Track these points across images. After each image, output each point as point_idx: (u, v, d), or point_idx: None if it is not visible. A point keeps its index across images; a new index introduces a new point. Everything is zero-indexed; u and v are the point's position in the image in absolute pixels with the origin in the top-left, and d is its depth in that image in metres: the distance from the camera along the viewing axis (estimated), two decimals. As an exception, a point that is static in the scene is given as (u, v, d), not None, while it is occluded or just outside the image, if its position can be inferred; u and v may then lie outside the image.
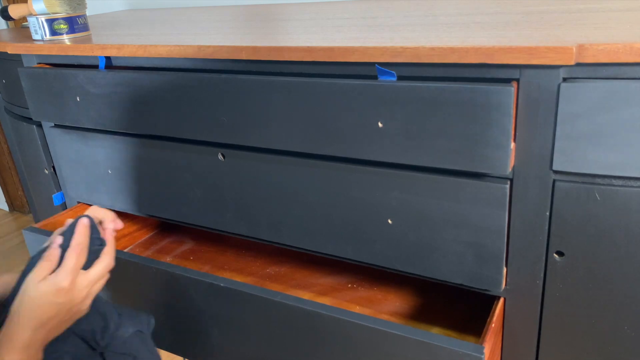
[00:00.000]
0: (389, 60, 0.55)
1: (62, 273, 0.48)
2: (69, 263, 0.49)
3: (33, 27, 0.86)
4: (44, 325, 0.47)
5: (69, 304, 0.48)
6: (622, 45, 0.46)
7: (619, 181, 0.51)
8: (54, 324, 0.47)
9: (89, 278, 0.50)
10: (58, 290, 0.47)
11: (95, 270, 0.50)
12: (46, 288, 0.47)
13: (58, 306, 0.47)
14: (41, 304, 0.47)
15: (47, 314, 0.47)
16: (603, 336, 0.57)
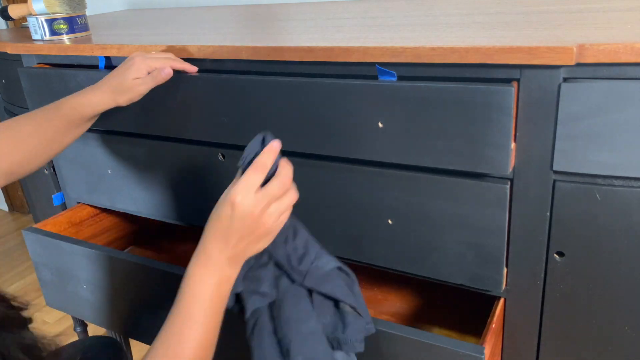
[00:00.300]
0: (389, 60, 0.55)
1: (234, 188, 0.47)
2: (244, 179, 0.47)
3: (33, 27, 0.86)
4: (223, 237, 0.47)
5: (242, 220, 0.46)
6: (623, 46, 0.46)
7: (620, 181, 0.51)
8: (234, 238, 0.47)
9: (266, 193, 0.47)
10: (231, 205, 0.46)
11: (271, 186, 0.47)
12: (222, 200, 0.47)
13: (232, 220, 0.46)
14: (217, 215, 0.47)
15: (222, 226, 0.47)
16: (604, 337, 0.57)
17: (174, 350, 0.45)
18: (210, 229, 0.48)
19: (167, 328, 0.47)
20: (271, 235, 0.49)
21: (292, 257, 0.51)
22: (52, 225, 0.87)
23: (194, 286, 0.47)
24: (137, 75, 0.61)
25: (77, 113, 0.63)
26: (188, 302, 0.47)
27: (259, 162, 0.48)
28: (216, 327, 0.48)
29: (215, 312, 0.48)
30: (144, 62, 0.62)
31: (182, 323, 0.46)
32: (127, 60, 0.63)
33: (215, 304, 0.47)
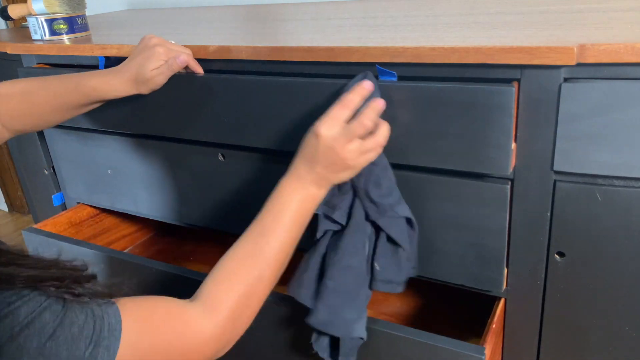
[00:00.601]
0: (390, 60, 0.55)
1: (320, 120, 0.50)
2: (330, 112, 0.51)
3: (32, 27, 0.86)
4: (309, 162, 0.51)
5: (324, 149, 0.50)
6: (624, 46, 0.46)
7: (620, 182, 0.51)
8: (318, 165, 0.51)
9: (347, 130, 0.50)
10: (315, 135, 0.50)
11: (352, 124, 0.50)
12: (310, 129, 0.51)
13: (316, 149, 0.50)
14: (305, 142, 0.52)
15: (308, 152, 0.51)
16: (604, 337, 0.57)
17: (260, 244, 0.50)
18: (300, 152, 0.53)
19: (255, 227, 0.52)
20: (352, 170, 0.52)
21: (373, 192, 0.55)
22: (52, 226, 0.87)
23: (282, 197, 0.52)
24: (156, 66, 0.61)
25: (97, 95, 0.63)
26: (276, 209, 0.52)
27: (346, 98, 0.51)
28: (296, 237, 0.52)
29: (298, 223, 0.52)
30: (164, 52, 0.62)
31: (270, 225, 0.51)
32: (147, 48, 0.62)
33: (299, 215, 0.52)
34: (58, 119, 0.66)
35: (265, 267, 0.50)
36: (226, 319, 0.47)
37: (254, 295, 0.49)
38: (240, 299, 0.48)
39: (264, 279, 0.50)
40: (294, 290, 0.58)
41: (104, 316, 0.38)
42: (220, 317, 0.46)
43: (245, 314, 0.49)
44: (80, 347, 0.35)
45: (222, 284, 0.48)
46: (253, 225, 0.52)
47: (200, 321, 0.45)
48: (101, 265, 0.76)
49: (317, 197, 0.53)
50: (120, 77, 0.62)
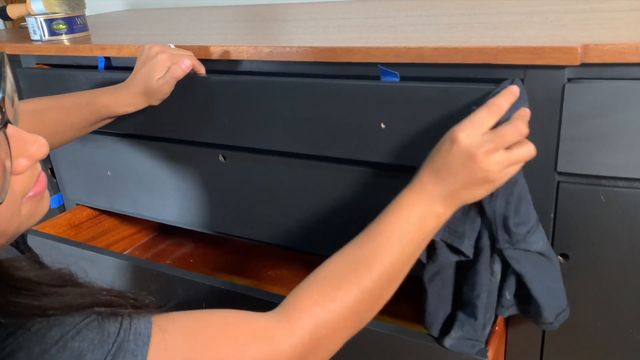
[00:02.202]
0: (392, 60, 0.55)
1: (460, 124, 0.44)
2: (473, 117, 0.44)
3: (31, 27, 0.85)
4: (438, 171, 0.44)
5: (461, 158, 0.43)
6: (628, 46, 0.46)
7: (625, 183, 0.51)
8: (450, 176, 0.44)
9: (496, 136, 0.43)
10: (452, 140, 0.44)
11: (504, 129, 0.43)
12: (445, 136, 0.45)
13: (449, 156, 0.44)
14: (436, 149, 0.45)
15: (439, 161, 0.45)
16: (608, 339, 0.56)
17: (369, 259, 0.43)
18: (429, 161, 0.46)
19: (365, 238, 0.45)
20: (491, 185, 0.45)
21: (510, 219, 0.48)
22: (51, 227, 0.87)
23: (401, 208, 0.45)
24: (161, 74, 0.61)
25: (108, 112, 0.63)
26: (392, 221, 0.45)
27: (493, 102, 0.45)
28: (411, 258, 0.45)
29: (414, 241, 0.45)
30: (167, 59, 0.61)
31: (383, 238, 0.44)
32: (149, 58, 0.61)
33: (417, 233, 0.45)
34: (69, 137, 0.65)
35: (371, 286, 0.42)
36: (311, 339, 0.39)
37: (351, 315, 0.42)
38: (332, 319, 0.40)
39: (366, 299, 0.42)
40: (431, 327, 0.54)
41: (132, 323, 0.34)
42: (303, 335, 0.39)
43: (335, 336, 0.41)
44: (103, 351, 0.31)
45: (315, 297, 0.41)
46: (363, 236, 0.45)
47: (273, 332, 0.38)
48: (101, 267, 0.76)
49: (441, 217, 0.45)
50: (130, 91, 0.62)
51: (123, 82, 0.64)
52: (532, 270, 0.51)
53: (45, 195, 0.35)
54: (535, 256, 0.50)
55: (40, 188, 0.34)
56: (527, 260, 0.50)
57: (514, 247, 0.49)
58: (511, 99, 0.46)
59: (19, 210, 0.33)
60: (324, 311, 0.40)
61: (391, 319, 0.73)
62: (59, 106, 0.63)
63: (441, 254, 0.51)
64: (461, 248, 0.50)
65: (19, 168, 0.31)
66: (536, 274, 0.51)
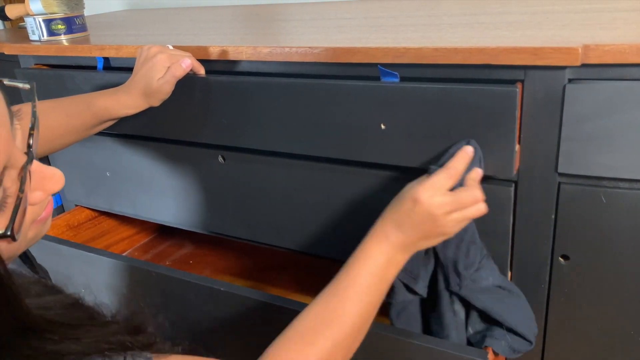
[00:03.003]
0: (392, 61, 0.54)
1: (422, 185, 0.48)
2: (433, 179, 0.48)
3: (30, 28, 0.85)
4: (400, 225, 0.48)
5: (423, 217, 0.47)
6: (629, 46, 0.46)
7: (626, 184, 0.51)
8: (410, 230, 0.48)
9: (452, 199, 0.47)
10: (414, 200, 0.47)
11: (464, 194, 0.48)
12: (406, 193, 0.49)
13: (411, 214, 0.47)
14: (398, 205, 0.49)
15: (401, 216, 0.48)
16: (609, 341, 0.56)
17: (334, 307, 0.46)
18: (389, 214, 0.49)
19: (331, 288, 0.47)
20: (445, 237, 0.50)
21: (459, 263, 0.52)
22: (50, 229, 0.87)
23: (365, 259, 0.48)
24: (161, 74, 0.60)
25: (109, 114, 0.63)
26: (357, 273, 0.47)
27: (452, 166, 0.49)
28: (376, 304, 0.48)
29: (379, 290, 0.48)
30: (166, 59, 0.61)
31: (348, 290, 0.47)
32: (148, 59, 0.61)
33: (380, 282, 0.48)
34: (70, 140, 0.65)
35: (342, 338, 0.45)
36: None
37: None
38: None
39: (339, 350, 0.45)
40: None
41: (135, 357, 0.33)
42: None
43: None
44: None
45: (291, 353, 0.43)
46: (330, 289, 0.48)
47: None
48: (100, 268, 0.76)
49: (400, 263, 0.50)
50: (129, 93, 0.62)
51: (123, 84, 0.64)
52: (494, 304, 0.54)
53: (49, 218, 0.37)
54: (492, 290, 0.54)
55: (47, 214, 0.35)
56: (484, 295, 0.54)
57: (463, 287, 0.53)
58: (467, 160, 0.50)
59: (26, 235, 0.34)
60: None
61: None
62: (58, 110, 0.63)
63: (399, 292, 0.55)
64: (415, 289, 0.54)
65: (34, 200, 0.33)
66: (501, 306, 0.54)
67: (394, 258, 0.48)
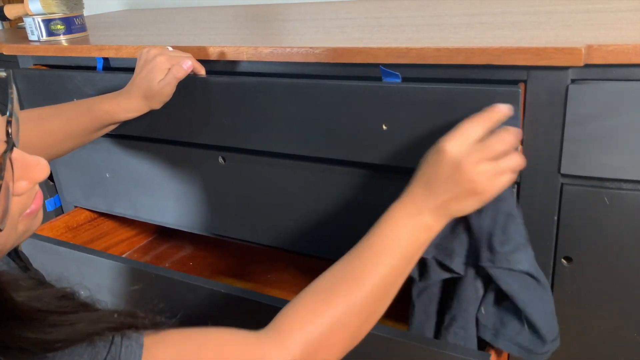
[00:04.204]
0: (394, 61, 0.54)
1: (448, 135, 0.44)
2: (460, 127, 0.44)
3: (29, 28, 0.85)
4: (428, 184, 0.44)
5: (449, 169, 0.43)
6: (632, 46, 0.46)
7: (629, 185, 0.50)
8: (439, 187, 0.44)
9: (482, 145, 0.43)
10: (438, 151, 0.44)
11: (490, 140, 0.43)
12: (432, 148, 0.45)
13: (437, 167, 0.44)
14: (425, 161, 0.45)
15: (428, 172, 0.45)
16: (612, 343, 0.56)
17: (358, 275, 0.43)
18: (417, 173, 0.46)
19: (355, 254, 0.45)
20: (479, 197, 0.45)
21: (495, 237, 0.48)
22: (49, 230, 0.86)
23: (391, 222, 0.45)
24: (161, 76, 0.60)
25: (110, 118, 0.62)
26: (382, 235, 0.45)
27: (480, 115, 0.45)
28: (403, 269, 0.45)
29: (405, 255, 0.44)
30: (166, 60, 0.60)
31: (374, 254, 0.44)
32: (148, 61, 0.61)
33: (407, 246, 0.44)
34: (72, 146, 0.64)
35: (361, 300, 0.42)
36: (302, 356, 0.39)
37: (341, 329, 0.41)
38: (322, 334, 0.40)
39: (356, 312, 0.41)
40: None
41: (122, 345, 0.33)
42: (295, 352, 0.39)
43: (327, 352, 0.41)
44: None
45: (304, 313, 0.41)
46: (353, 251, 0.45)
47: (264, 351, 0.38)
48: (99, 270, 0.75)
49: (432, 229, 0.45)
50: (130, 96, 0.61)
51: (123, 87, 0.63)
52: (521, 291, 0.50)
53: (40, 211, 0.36)
54: (523, 276, 0.50)
55: (37, 206, 0.35)
56: (514, 280, 0.50)
57: (495, 265, 0.49)
58: (500, 113, 0.46)
59: (15, 228, 0.33)
60: (314, 326, 0.40)
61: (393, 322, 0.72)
62: (59, 116, 0.62)
63: (432, 271, 0.52)
64: (452, 266, 0.50)
65: (20, 190, 0.32)
66: (527, 295, 0.50)
67: (422, 221, 0.45)
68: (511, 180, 0.46)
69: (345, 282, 0.42)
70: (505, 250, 0.48)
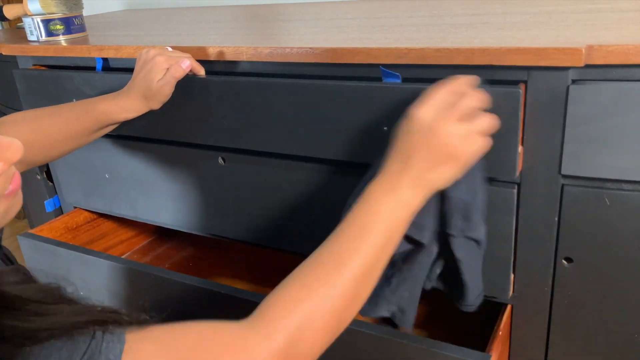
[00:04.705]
0: (394, 61, 0.54)
1: (419, 102, 0.43)
2: (428, 94, 0.43)
3: (28, 28, 0.85)
4: (402, 155, 0.43)
5: (421, 135, 0.42)
6: (633, 47, 0.46)
7: (629, 186, 0.50)
8: (414, 157, 0.43)
9: (451, 107, 0.42)
10: (409, 118, 0.42)
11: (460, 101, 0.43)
12: (405, 117, 0.44)
13: (410, 136, 0.42)
14: (396, 132, 0.44)
15: (401, 143, 0.43)
16: (613, 344, 0.56)
17: (334, 253, 0.42)
18: (392, 147, 0.45)
19: (335, 239, 0.44)
20: (456, 163, 0.43)
21: (472, 207, 0.47)
22: (48, 231, 0.86)
23: (369, 204, 0.44)
24: (160, 76, 0.60)
25: (109, 118, 0.62)
26: (359, 217, 0.43)
27: (448, 82, 0.44)
28: (383, 249, 0.43)
29: (384, 234, 0.43)
30: (165, 60, 0.60)
31: (350, 235, 0.43)
32: (147, 61, 0.61)
33: (386, 225, 0.43)
34: (70, 147, 0.64)
35: (343, 283, 0.41)
36: (286, 343, 0.38)
37: (325, 314, 0.40)
38: (305, 320, 0.39)
39: (339, 296, 0.41)
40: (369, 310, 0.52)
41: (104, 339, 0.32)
42: (278, 340, 0.38)
43: (312, 338, 0.40)
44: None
45: (286, 300, 0.40)
46: (333, 235, 0.44)
47: (247, 340, 0.38)
48: (98, 271, 0.75)
49: (411, 205, 0.44)
50: (129, 96, 0.61)
51: (122, 88, 0.63)
52: (467, 256, 0.50)
53: (19, 192, 0.36)
54: (472, 243, 0.50)
55: (16, 186, 0.35)
56: (466, 247, 0.50)
57: (464, 234, 0.48)
58: (467, 82, 0.45)
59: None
60: (296, 313, 0.39)
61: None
62: (57, 116, 0.62)
63: (401, 245, 0.50)
64: (422, 240, 0.49)
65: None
66: (470, 260, 0.51)
67: (399, 198, 0.43)
68: (485, 145, 0.45)
69: (325, 266, 0.42)
70: (478, 219, 0.48)
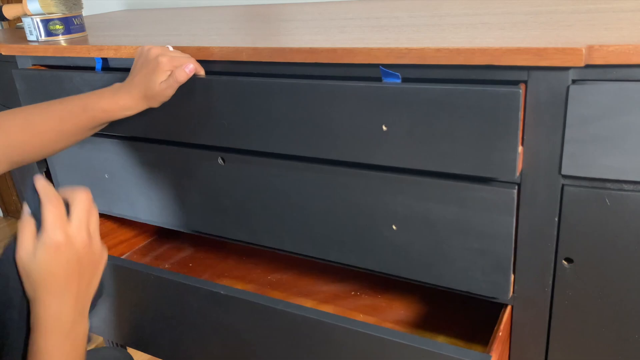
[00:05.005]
0: (394, 61, 0.54)
1: (48, 230, 0.41)
2: (49, 217, 0.41)
3: (28, 28, 0.85)
4: (67, 290, 0.41)
5: (76, 255, 0.41)
6: (634, 47, 0.45)
7: (630, 186, 0.50)
8: (78, 284, 0.42)
9: (77, 218, 0.42)
10: (57, 248, 0.40)
11: (76, 209, 0.42)
12: (43, 254, 0.40)
13: (67, 264, 0.41)
14: (51, 271, 0.40)
15: (62, 277, 0.41)
16: (613, 345, 0.56)
17: None
18: (44, 287, 0.41)
19: None
20: (104, 261, 0.45)
21: None
22: (48, 230, 0.86)
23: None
24: (163, 78, 0.59)
25: (107, 116, 0.61)
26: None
27: (47, 195, 0.42)
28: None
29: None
30: (168, 62, 0.59)
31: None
32: (149, 61, 0.60)
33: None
34: (62, 145, 0.63)
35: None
36: None
37: None
38: None
39: None
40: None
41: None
42: None
43: None
44: None
45: None
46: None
47: None
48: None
49: (85, 329, 0.44)
50: (129, 95, 0.60)
51: (119, 83, 0.63)
52: None
53: None
54: None
55: None
56: None
57: None
58: (47, 184, 0.44)
59: None
60: None
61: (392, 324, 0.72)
62: (50, 114, 0.61)
63: None
64: None
65: None
66: None
67: (76, 335, 0.42)
68: None
69: None
70: None
